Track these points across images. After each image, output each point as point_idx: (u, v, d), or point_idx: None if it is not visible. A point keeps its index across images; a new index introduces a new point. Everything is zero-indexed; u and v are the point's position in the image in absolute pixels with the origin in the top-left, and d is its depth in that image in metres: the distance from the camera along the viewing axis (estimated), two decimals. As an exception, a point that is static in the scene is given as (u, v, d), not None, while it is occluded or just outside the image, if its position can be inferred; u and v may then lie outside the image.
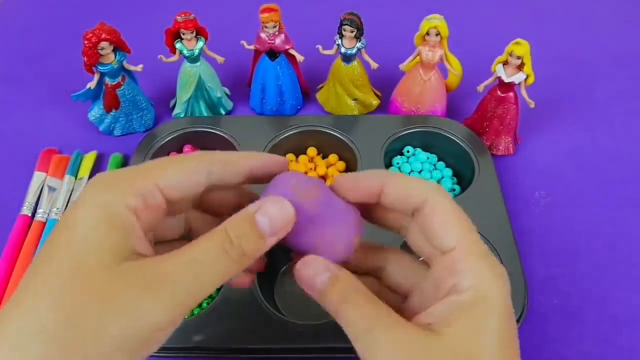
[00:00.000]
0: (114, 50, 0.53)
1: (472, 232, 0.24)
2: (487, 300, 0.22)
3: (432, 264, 0.24)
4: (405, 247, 0.29)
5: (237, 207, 0.24)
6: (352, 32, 0.53)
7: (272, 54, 0.56)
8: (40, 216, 0.50)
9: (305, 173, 0.54)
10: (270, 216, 0.23)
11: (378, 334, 0.22)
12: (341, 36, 0.54)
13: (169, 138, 0.54)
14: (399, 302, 0.27)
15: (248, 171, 0.26)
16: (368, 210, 0.27)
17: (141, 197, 0.22)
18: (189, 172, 0.24)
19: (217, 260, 0.22)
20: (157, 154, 0.53)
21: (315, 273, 0.24)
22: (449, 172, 0.54)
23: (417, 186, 0.24)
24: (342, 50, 0.55)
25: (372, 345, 0.21)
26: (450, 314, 0.22)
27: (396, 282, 0.27)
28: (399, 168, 0.54)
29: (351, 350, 0.23)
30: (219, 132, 0.55)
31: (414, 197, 0.24)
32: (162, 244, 0.27)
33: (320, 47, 0.57)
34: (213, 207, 0.28)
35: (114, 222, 0.21)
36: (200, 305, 0.45)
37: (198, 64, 0.56)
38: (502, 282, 0.22)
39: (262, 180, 0.27)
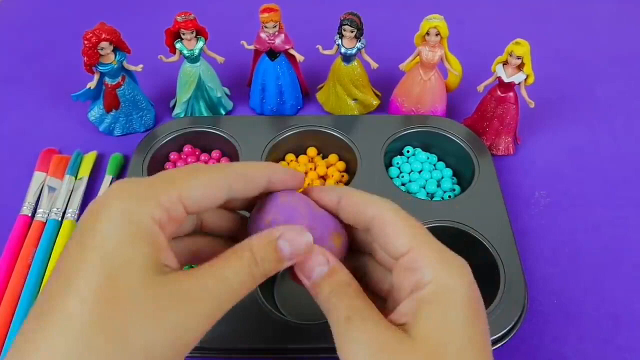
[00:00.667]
0: (114, 50, 0.53)
1: (425, 234, 0.25)
2: (449, 290, 0.23)
3: (393, 270, 0.26)
4: None
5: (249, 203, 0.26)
6: (352, 32, 0.53)
7: (272, 54, 0.56)
8: (40, 216, 0.50)
9: (305, 173, 0.54)
10: (291, 243, 0.25)
11: (356, 324, 0.23)
12: (341, 36, 0.54)
13: (169, 138, 0.54)
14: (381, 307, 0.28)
15: (265, 185, 0.27)
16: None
17: (166, 210, 0.22)
18: (212, 187, 0.24)
19: (244, 279, 0.23)
20: (157, 154, 0.53)
21: (315, 264, 0.25)
22: (449, 172, 0.54)
23: (368, 201, 0.26)
24: (342, 50, 0.55)
25: (347, 334, 0.23)
26: (416, 308, 0.23)
27: (375, 285, 0.28)
28: (399, 168, 0.54)
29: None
30: (219, 132, 0.55)
31: (365, 212, 0.26)
32: (174, 240, 0.27)
33: (320, 47, 0.57)
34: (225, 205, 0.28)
35: (143, 236, 0.21)
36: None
37: (198, 64, 0.56)
38: (462, 271, 0.24)
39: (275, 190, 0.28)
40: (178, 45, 0.55)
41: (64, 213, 0.51)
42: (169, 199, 0.22)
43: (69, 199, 0.52)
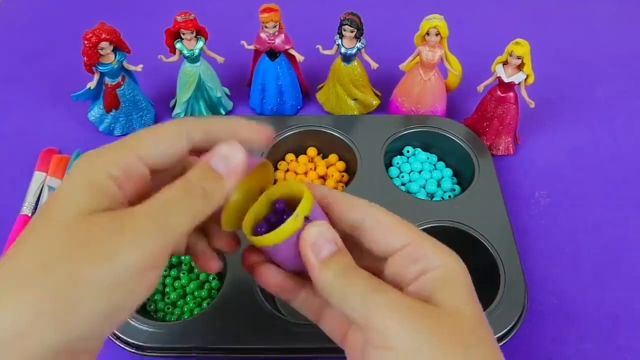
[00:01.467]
0: (114, 50, 0.53)
1: (417, 230, 0.27)
2: (456, 272, 0.25)
3: (388, 263, 0.27)
4: None
5: None
6: (352, 32, 0.53)
7: (272, 54, 0.56)
8: (40, 216, 0.50)
9: (305, 173, 0.54)
10: (224, 159, 0.25)
11: (383, 293, 0.24)
12: (341, 36, 0.54)
13: (169, 138, 0.54)
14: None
15: (229, 136, 0.27)
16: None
17: (123, 168, 0.23)
18: (168, 139, 0.25)
19: (182, 199, 0.23)
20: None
21: (324, 242, 0.25)
22: (449, 172, 0.54)
23: (356, 203, 0.27)
24: (342, 50, 0.55)
25: (372, 308, 0.23)
26: (432, 286, 0.25)
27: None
28: (399, 168, 0.54)
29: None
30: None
31: (354, 213, 0.27)
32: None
33: (320, 47, 0.57)
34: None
35: (93, 185, 0.22)
36: (200, 305, 0.45)
37: (198, 64, 0.56)
38: (458, 258, 0.26)
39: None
40: (178, 45, 0.55)
41: (64, 213, 0.51)
42: (125, 158, 0.24)
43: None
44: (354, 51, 0.55)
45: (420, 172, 0.54)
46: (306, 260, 0.25)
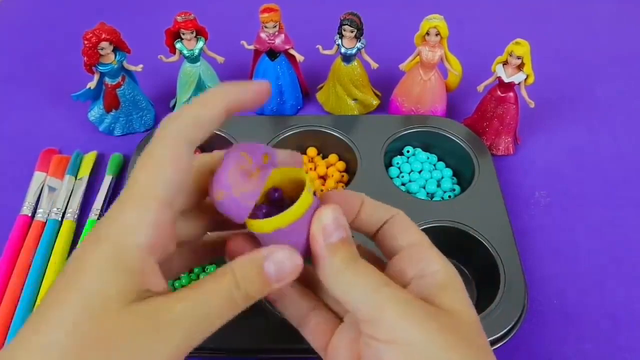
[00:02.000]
0: (114, 50, 0.53)
1: (426, 237, 0.28)
2: (453, 278, 0.26)
3: (393, 260, 0.27)
4: None
5: None
6: (352, 32, 0.53)
7: (272, 54, 0.56)
8: (40, 216, 0.50)
9: (305, 173, 0.54)
10: (279, 265, 0.24)
11: (393, 288, 0.24)
12: (341, 36, 0.54)
13: (169, 138, 0.54)
14: None
15: (224, 114, 0.24)
16: None
17: (153, 227, 0.22)
18: (177, 171, 0.23)
19: (224, 304, 0.23)
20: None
21: (337, 226, 0.25)
22: (449, 172, 0.54)
23: (385, 206, 0.28)
24: (342, 50, 0.55)
25: (383, 301, 0.23)
26: (430, 291, 0.25)
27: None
28: (399, 168, 0.54)
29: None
30: (219, 132, 0.54)
31: (384, 213, 0.28)
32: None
33: (320, 47, 0.57)
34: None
35: (122, 264, 0.21)
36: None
37: (198, 64, 0.56)
38: (453, 266, 0.27)
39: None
40: (178, 45, 0.55)
41: (64, 213, 0.51)
42: (151, 213, 0.22)
43: (69, 199, 0.52)
44: (354, 51, 0.55)
45: (420, 172, 0.54)
46: (314, 243, 0.25)
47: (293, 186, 0.26)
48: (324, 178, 0.54)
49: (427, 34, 0.53)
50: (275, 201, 0.26)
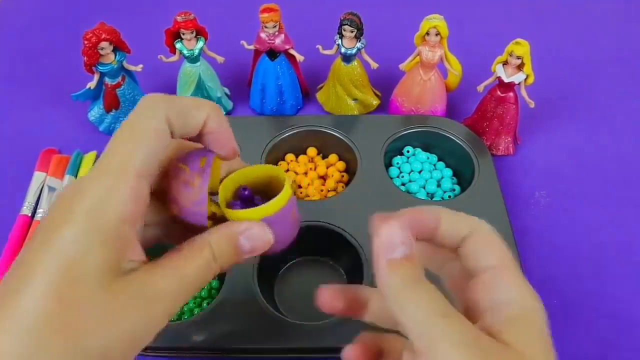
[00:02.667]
0: (114, 50, 0.53)
1: (510, 255, 0.25)
2: (531, 312, 0.24)
3: (468, 286, 0.25)
4: None
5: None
6: (352, 32, 0.53)
7: (272, 54, 0.56)
8: (40, 216, 0.50)
9: (305, 173, 0.54)
10: (252, 242, 0.25)
11: (445, 323, 0.21)
12: (341, 36, 0.54)
13: (169, 138, 0.54)
14: None
15: (204, 121, 0.25)
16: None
17: (133, 198, 0.22)
18: (154, 137, 0.23)
19: (202, 277, 0.24)
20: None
21: (399, 241, 0.23)
22: (449, 172, 0.54)
23: (465, 218, 0.26)
24: (342, 50, 0.55)
25: (437, 335, 0.21)
26: (504, 324, 0.23)
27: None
28: (399, 168, 0.54)
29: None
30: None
31: (463, 228, 0.25)
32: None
33: (320, 47, 0.57)
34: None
35: (106, 239, 0.21)
36: (200, 305, 0.45)
37: (198, 64, 0.56)
38: (538, 297, 0.24)
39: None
40: (178, 45, 0.55)
41: (64, 213, 0.51)
42: (128, 188, 0.22)
43: (69, 199, 0.52)
44: (354, 51, 0.55)
45: (420, 172, 0.54)
46: (375, 257, 0.23)
47: (268, 183, 0.28)
48: (324, 178, 0.54)
49: (427, 34, 0.53)
50: (246, 198, 0.27)
